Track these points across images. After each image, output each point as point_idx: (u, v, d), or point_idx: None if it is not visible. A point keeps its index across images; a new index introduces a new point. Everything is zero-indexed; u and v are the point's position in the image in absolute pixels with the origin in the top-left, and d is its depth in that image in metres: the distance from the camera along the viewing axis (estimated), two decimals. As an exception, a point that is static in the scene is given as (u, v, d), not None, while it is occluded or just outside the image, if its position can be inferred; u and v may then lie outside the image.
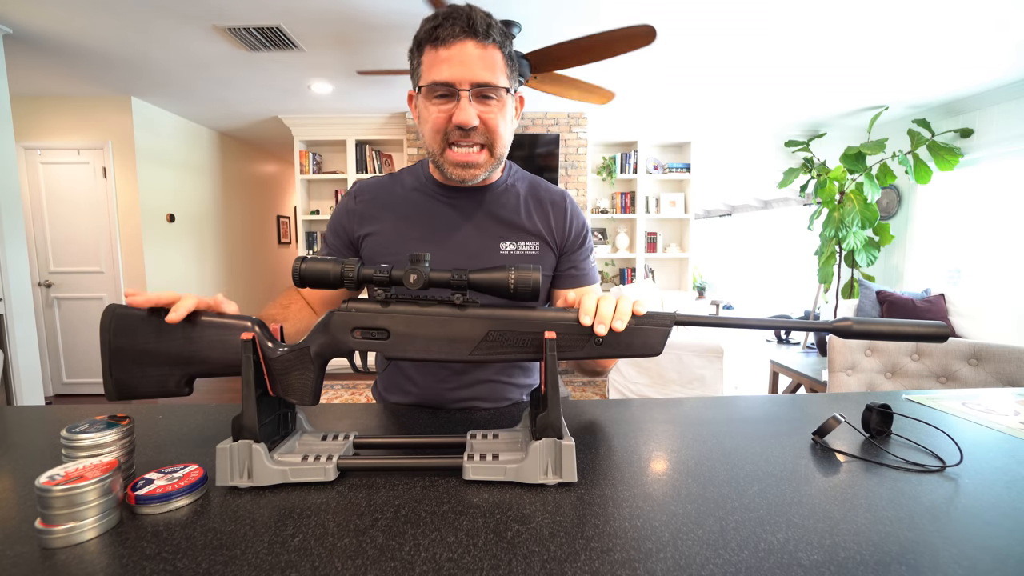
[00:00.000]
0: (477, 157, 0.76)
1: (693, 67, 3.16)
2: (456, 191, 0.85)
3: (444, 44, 0.71)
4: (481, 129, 0.74)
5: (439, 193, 0.86)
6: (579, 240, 0.89)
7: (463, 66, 0.71)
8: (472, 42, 0.71)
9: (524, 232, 0.85)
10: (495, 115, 0.75)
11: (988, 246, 3.83)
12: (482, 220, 0.85)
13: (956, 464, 0.60)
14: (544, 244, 0.86)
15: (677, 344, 2.50)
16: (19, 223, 2.60)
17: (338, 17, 2.45)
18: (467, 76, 0.71)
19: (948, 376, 1.53)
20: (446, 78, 0.71)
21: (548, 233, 0.87)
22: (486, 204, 0.86)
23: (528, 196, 0.88)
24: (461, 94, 0.72)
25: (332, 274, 0.57)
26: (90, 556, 0.42)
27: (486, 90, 0.73)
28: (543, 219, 0.87)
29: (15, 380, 2.64)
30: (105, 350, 0.58)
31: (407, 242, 0.84)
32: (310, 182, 4.65)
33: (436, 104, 0.74)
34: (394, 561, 0.42)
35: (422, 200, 0.86)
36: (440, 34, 0.71)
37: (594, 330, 0.56)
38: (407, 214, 0.85)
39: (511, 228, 0.85)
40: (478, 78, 0.71)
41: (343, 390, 3.92)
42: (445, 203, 0.85)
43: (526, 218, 0.86)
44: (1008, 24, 2.54)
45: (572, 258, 0.89)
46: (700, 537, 0.45)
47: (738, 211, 7.84)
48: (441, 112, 0.73)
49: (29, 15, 2.37)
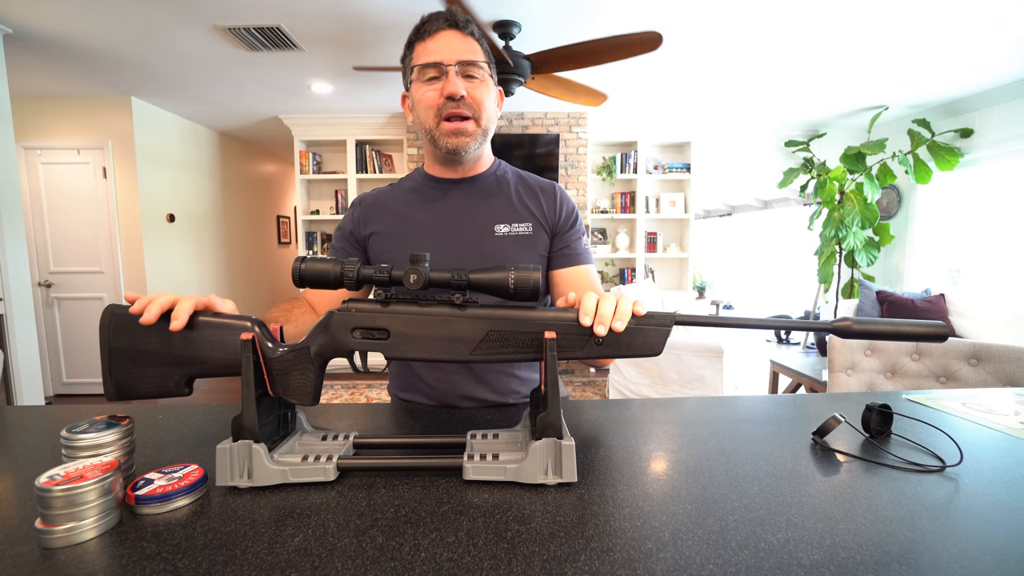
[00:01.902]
0: (467, 126, 0.84)
1: (693, 67, 3.16)
2: (450, 184, 0.93)
3: (431, 36, 0.82)
4: (468, 101, 0.83)
5: (435, 188, 0.93)
6: (570, 221, 0.94)
7: (449, 48, 0.82)
8: (455, 32, 0.82)
9: (516, 215, 0.91)
10: (479, 89, 0.84)
11: (988, 246, 3.83)
12: (476, 207, 0.92)
13: (956, 464, 0.60)
14: (537, 225, 0.92)
15: (677, 344, 2.50)
16: (19, 223, 2.60)
17: (338, 17, 2.46)
18: (452, 55, 0.82)
19: (948, 376, 1.53)
20: (435, 59, 0.81)
21: (540, 215, 0.93)
22: (478, 192, 0.93)
23: (518, 184, 0.96)
24: (448, 69, 0.81)
25: (332, 274, 0.57)
26: (90, 556, 0.42)
27: (470, 68, 0.83)
28: (534, 203, 0.93)
29: (15, 380, 2.64)
30: (105, 350, 0.58)
31: (408, 234, 0.90)
32: (310, 182, 4.65)
33: (427, 85, 0.83)
34: (394, 561, 0.42)
35: (420, 196, 0.93)
36: (427, 28, 0.83)
37: (594, 330, 0.56)
38: (407, 211, 0.92)
39: (504, 212, 0.91)
40: (462, 56, 0.82)
41: (343, 390, 3.92)
42: (441, 195, 0.93)
43: (518, 203, 0.93)
44: (1008, 24, 2.54)
45: (564, 238, 0.94)
46: (700, 537, 0.45)
47: (738, 211, 7.84)
48: (432, 90, 0.83)
49: (29, 15, 2.37)
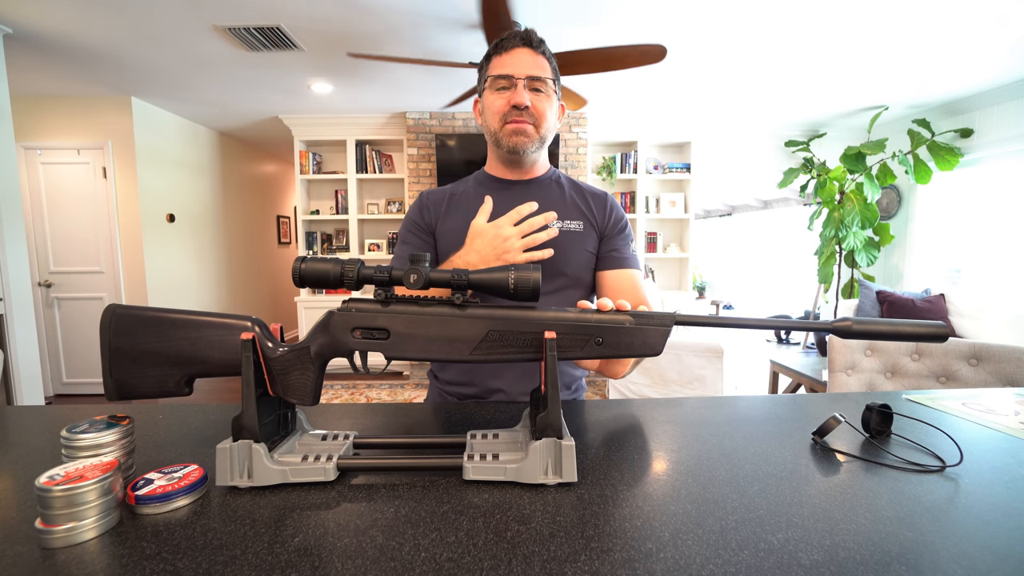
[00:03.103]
0: (527, 127, 0.92)
1: (693, 67, 3.16)
2: (510, 183, 1.01)
3: (506, 51, 0.91)
4: (532, 111, 0.91)
5: (495, 186, 1.01)
6: (619, 227, 1.00)
7: (520, 63, 0.90)
8: (528, 50, 0.91)
9: (569, 213, 0.98)
10: (543, 102, 0.92)
11: (988, 246, 3.82)
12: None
13: (956, 464, 0.60)
14: (588, 224, 0.98)
15: (677, 344, 2.50)
16: (19, 223, 2.60)
17: (338, 17, 2.46)
18: (523, 70, 0.90)
19: (948, 376, 1.53)
20: (507, 72, 0.90)
21: (591, 216, 0.99)
22: (534, 191, 1.00)
23: (571, 188, 1.03)
24: (518, 82, 0.90)
25: (332, 274, 0.57)
26: (90, 556, 0.42)
27: (537, 83, 0.91)
28: (585, 205, 1.00)
29: (15, 380, 2.64)
30: (105, 350, 0.58)
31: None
32: (310, 182, 4.65)
33: (498, 94, 0.92)
34: (394, 561, 0.42)
35: (481, 191, 1.00)
36: (504, 44, 0.92)
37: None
38: (471, 207, 0.97)
39: (557, 209, 0.97)
40: (531, 71, 0.90)
41: (343, 390, 3.92)
42: (500, 192, 0.99)
43: (571, 203, 1.00)
44: (1008, 24, 2.54)
45: (613, 242, 0.99)
46: (700, 537, 0.45)
47: (738, 211, 7.85)
48: (501, 98, 0.91)
49: (29, 15, 2.37)
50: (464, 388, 0.98)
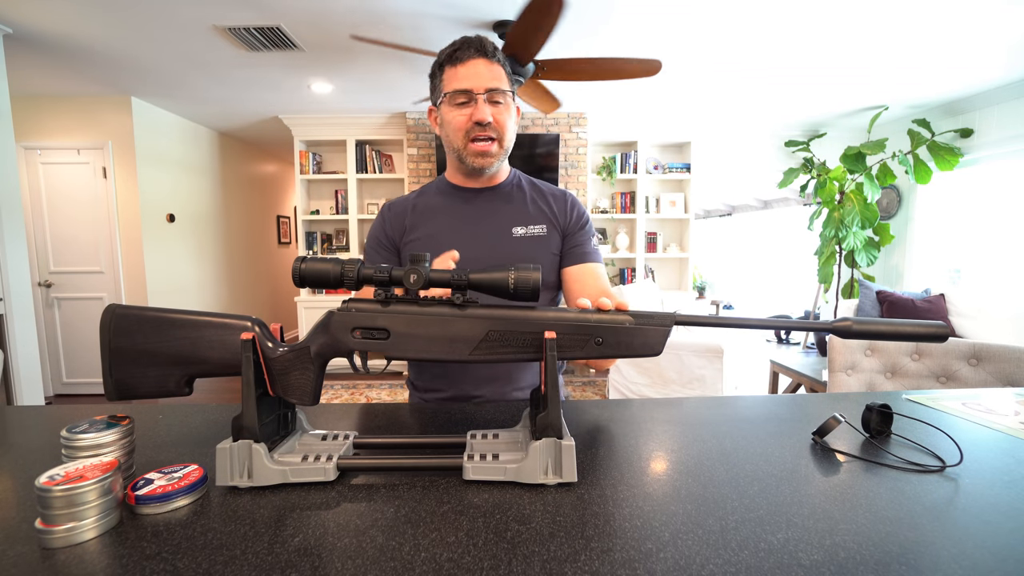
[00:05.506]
0: (491, 147, 0.93)
1: (693, 67, 3.16)
2: (473, 192, 1.01)
3: (461, 63, 0.89)
4: (494, 125, 0.91)
5: (458, 195, 1.01)
6: (580, 223, 1.02)
7: (478, 77, 0.89)
8: (483, 60, 0.90)
9: (531, 218, 1.00)
10: (503, 114, 0.92)
11: (988, 246, 3.82)
12: (495, 212, 1.00)
13: (956, 464, 0.60)
14: (550, 226, 1.00)
15: (677, 344, 2.50)
16: (19, 223, 2.60)
17: (338, 17, 2.45)
18: (482, 84, 0.89)
19: (948, 376, 1.53)
20: (466, 86, 0.89)
21: (552, 217, 1.00)
22: (497, 200, 1.01)
23: (532, 192, 1.04)
24: (478, 97, 0.89)
25: (332, 274, 0.57)
26: (90, 556, 0.42)
27: (496, 95, 0.90)
28: (547, 207, 1.01)
29: (15, 380, 2.64)
30: (105, 350, 0.58)
31: (436, 237, 0.98)
32: (310, 182, 4.65)
33: (458, 109, 0.91)
34: (394, 561, 0.42)
35: (444, 201, 1.02)
36: (458, 55, 0.89)
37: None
38: (434, 216, 1.00)
39: (520, 216, 0.99)
40: (490, 84, 0.89)
41: (343, 390, 3.92)
42: (463, 203, 1.01)
43: (532, 207, 1.01)
44: (1008, 24, 2.54)
45: (575, 238, 1.01)
46: (700, 537, 0.45)
47: (738, 211, 7.85)
48: (462, 115, 0.91)
49: (29, 15, 2.37)
50: (441, 394, 0.98)
